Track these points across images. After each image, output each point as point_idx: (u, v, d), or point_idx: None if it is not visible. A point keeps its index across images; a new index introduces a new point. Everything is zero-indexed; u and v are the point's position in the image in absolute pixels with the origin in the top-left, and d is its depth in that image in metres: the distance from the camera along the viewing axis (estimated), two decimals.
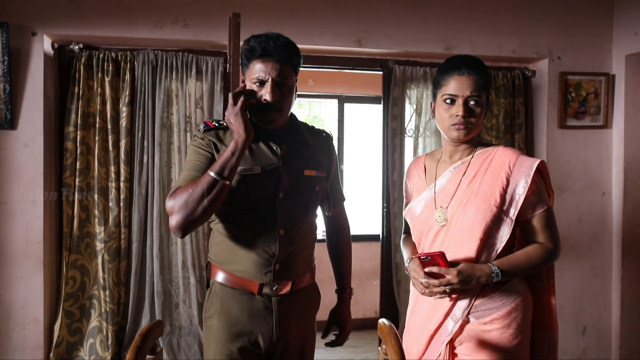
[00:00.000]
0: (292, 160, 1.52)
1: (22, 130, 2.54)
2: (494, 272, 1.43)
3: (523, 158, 1.50)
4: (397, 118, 3.01)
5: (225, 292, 1.50)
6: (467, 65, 1.50)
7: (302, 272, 1.55)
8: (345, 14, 2.81)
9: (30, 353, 2.59)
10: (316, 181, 1.56)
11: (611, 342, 3.14)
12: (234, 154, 1.36)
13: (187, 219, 1.35)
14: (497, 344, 1.46)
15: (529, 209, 1.49)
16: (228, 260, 1.50)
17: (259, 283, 1.47)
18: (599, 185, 3.11)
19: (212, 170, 1.35)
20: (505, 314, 1.47)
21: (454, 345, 1.51)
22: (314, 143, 1.61)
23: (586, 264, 3.12)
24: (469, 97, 1.49)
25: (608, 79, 3.06)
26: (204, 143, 1.48)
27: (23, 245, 2.56)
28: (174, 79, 2.74)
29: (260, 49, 1.43)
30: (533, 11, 3.00)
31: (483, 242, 1.47)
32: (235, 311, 1.48)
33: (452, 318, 1.49)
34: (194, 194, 1.34)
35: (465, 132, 1.51)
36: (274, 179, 1.48)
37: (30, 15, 2.52)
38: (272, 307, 1.49)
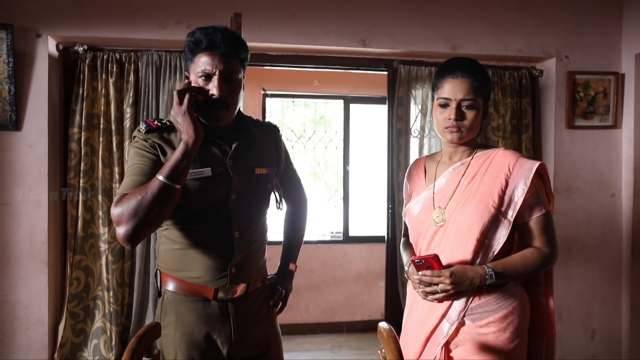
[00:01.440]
0: (243, 159, 1.46)
1: (27, 131, 2.56)
2: (488, 274, 1.42)
3: (523, 160, 1.49)
4: (402, 118, 2.98)
5: (179, 300, 1.44)
6: (461, 68, 1.49)
7: (257, 273, 1.52)
8: (349, 13, 2.79)
9: (34, 353, 2.60)
10: (267, 179, 1.52)
11: (621, 345, 3.08)
12: (184, 155, 1.28)
13: (138, 227, 1.26)
14: (493, 348, 1.44)
15: (527, 211, 1.47)
16: (180, 268, 1.44)
17: (214, 288, 1.42)
18: (608, 186, 3.06)
19: (162, 174, 1.27)
20: (501, 317, 1.46)
21: (450, 348, 1.50)
22: (262, 139, 1.55)
23: (595, 266, 3.07)
24: (462, 100, 1.48)
25: (617, 78, 3.01)
26: (147, 145, 1.39)
27: (27, 246, 2.57)
28: (177, 79, 2.73)
29: (206, 40, 1.35)
30: (540, 9, 2.96)
31: (480, 242, 1.45)
32: (191, 319, 1.43)
33: (448, 320, 1.48)
34: (144, 201, 1.25)
35: (458, 135, 1.50)
36: (226, 181, 1.42)
37: (34, 17, 2.53)
38: (228, 311, 1.45)
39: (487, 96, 1.54)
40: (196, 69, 1.38)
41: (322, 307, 4.20)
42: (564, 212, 3.02)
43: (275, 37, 2.73)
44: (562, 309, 3.04)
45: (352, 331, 4.17)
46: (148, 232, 1.32)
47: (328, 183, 4.49)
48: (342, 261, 4.24)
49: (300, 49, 2.85)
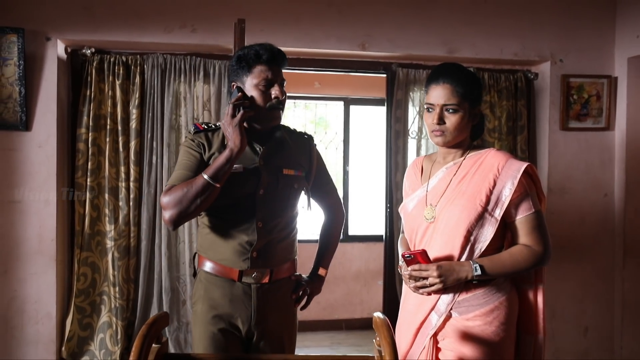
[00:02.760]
0: (272, 159, 1.63)
1: (36, 131, 2.64)
2: (474, 268, 1.48)
3: (512, 161, 1.54)
4: (400, 120, 3.06)
5: (209, 279, 1.64)
6: (444, 75, 1.56)
7: (280, 262, 1.66)
8: (349, 18, 2.87)
9: (43, 347, 2.68)
10: (294, 180, 1.67)
11: (613, 342, 3.16)
12: (228, 161, 1.49)
13: (180, 214, 1.50)
14: (478, 339, 1.50)
15: (515, 210, 1.52)
16: (211, 249, 1.64)
17: (238, 270, 1.60)
18: (601, 187, 3.14)
19: (207, 174, 1.48)
20: (487, 311, 1.51)
21: (437, 339, 1.57)
22: (294, 144, 1.72)
23: (588, 265, 3.14)
24: (444, 105, 1.55)
25: (610, 81, 3.09)
26: (195, 144, 1.61)
27: (36, 243, 2.66)
28: (182, 81, 2.82)
29: (267, 54, 1.58)
30: (535, 14, 3.04)
31: (466, 239, 1.51)
32: (217, 296, 1.62)
33: (436, 312, 1.55)
34: (189, 194, 1.48)
35: (442, 138, 1.57)
36: (255, 177, 1.60)
37: (44, 21, 2.62)
38: (251, 293, 1.61)
39: (475, 100, 1.59)
40: (257, 78, 1.57)
41: (321, 304, 4.28)
42: (557, 211, 3.09)
43: (277, 41, 2.73)
44: (556, 306, 3.11)
45: (351, 328, 4.25)
46: (188, 219, 1.55)
47: None
48: (342, 260, 4.32)
49: (302, 52, 2.93)
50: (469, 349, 1.52)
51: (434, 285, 1.49)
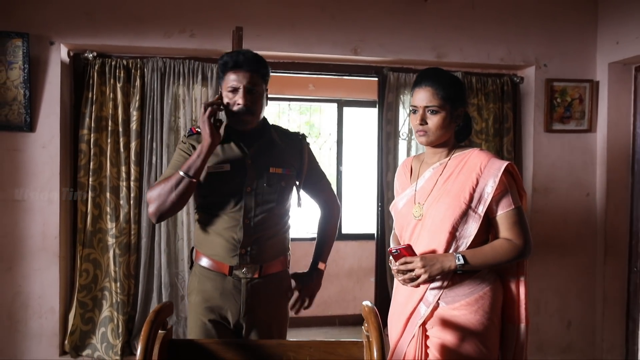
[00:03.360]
0: (260, 158, 1.73)
1: (40, 132, 2.73)
2: (457, 258, 1.58)
3: (494, 160, 1.64)
4: (391, 122, 3.18)
5: (203, 272, 1.75)
6: (426, 78, 1.67)
7: (270, 258, 1.75)
8: (342, 23, 2.98)
9: (46, 340, 2.78)
10: (282, 178, 1.76)
11: (595, 336, 3.29)
12: (199, 156, 1.59)
13: (159, 208, 1.63)
14: (463, 327, 1.61)
15: (497, 206, 1.62)
16: (205, 245, 1.75)
17: (228, 265, 1.70)
18: (584, 187, 3.27)
19: (181, 169, 1.60)
20: (472, 301, 1.62)
21: (426, 328, 1.67)
22: (284, 144, 1.80)
23: (571, 262, 3.27)
24: (426, 107, 1.66)
25: (592, 85, 3.21)
26: (186, 146, 1.73)
27: (40, 240, 2.75)
28: (181, 84, 2.91)
29: (232, 61, 1.66)
30: (520, 20, 3.16)
31: (452, 235, 1.62)
32: (209, 289, 1.72)
33: (425, 303, 1.66)
34: (165, 188, 1.61)
35: (425, 138, 1.68)
36: (242, 175, 1.70)
37: (48, 26, 2.71)
38: (240, 288, 1.71)
39: (457, 102, 1.69)
40: (226, 85, 1.67)
41: (316, 301, 4.30)
42: (542, 210, 3.22)
43: (273, 46, 2.92)
44: (540, 301, 3.24)
45: (344, 324, 4.36)
46: (169, 213, 1.66)
47: None
48: (335, 257, 4.43)
49: (297, 57, 3.04)
50: (454, 336, 1.63)
51: (420, 276, 1.59)
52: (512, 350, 1.71)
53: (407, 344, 1.70)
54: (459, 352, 1.61)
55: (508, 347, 1.71)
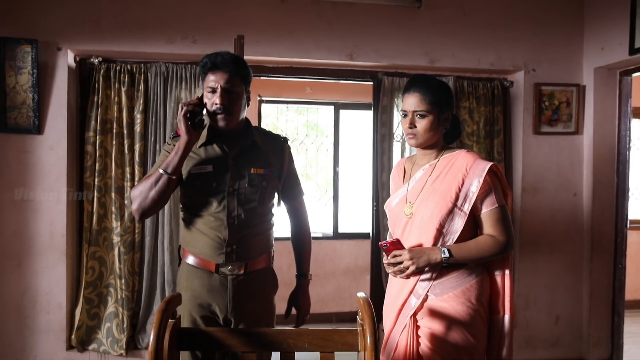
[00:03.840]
0: (242, 159, 1.78)
1: (48, 135, 2.84)
2: (442, 251, 1.69)
3: (479, 161, 1.75)
4: (385, 125, 3.29)
5: (190, 270, 1.80)
6: (414, 85, 1.78)
7: (255, 256, 1.80)
8: (338, 30, 3.09)
9: (54, 335, 2.88)
10: (263, 178, 1.80)
11: (582, 330, 3.41)
12: (176, 153, 1.66)
13: (141, 204, 1.68)
14: (451, 317, 1.72)
15: (481, 205, 1.73)
16: (191, 244, 1.80)
17: (215, 263, 1.75)
18: (571, 187, 3.39)
19: (160, 167, 1.67)
20: (459, 293, 1.73)
21: (417, 318, 1.78)
22: (265, 146, 1.85)
23: (559, 259, 3.39)
24: (414, 111, 1.77)
25: (579, 89, 3.34)
26: (170, 147, 1.77)
27: (48, 239, 2.86)
28: (183, 88, 3.02)
29: (210, 62, 1.71)
30: (510, 27, 3.29)
31: (439, 231, 1.73)
32: (197, 286, 1.77)
33: (415, 295, 1.77)
34: (146, 185, 1.67)
35: (414, 140, 1.78)
36: (225, 176, 1.74)
37: (56, 33, 2.82)
38: (227, 284, 1.77)
39: (444, 106, 1.78)
40: (206, 85, 1.73)
41: (313, 299, 4.40)
42: (531, 210, 3.35)
43: (272, 52, 3.03)
44: (529, 297, 3.36)
45: (341, 321, 4.47)
46: (151, 210, 1.71)
47: (319, 183, 4.79)
48: (332, 256, 4.55)
49: (295, 62, 3.15)
50: (442, 326, 1.73)
51: (409, 267, 1.71)
52: (499, 340, 1.81)
53: (400, 333, 1.81)
54: (447, 341, 1.72)
55: (495, 337, 1.80)
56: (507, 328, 1.80)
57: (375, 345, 1.40)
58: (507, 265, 1.83)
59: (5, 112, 2.75)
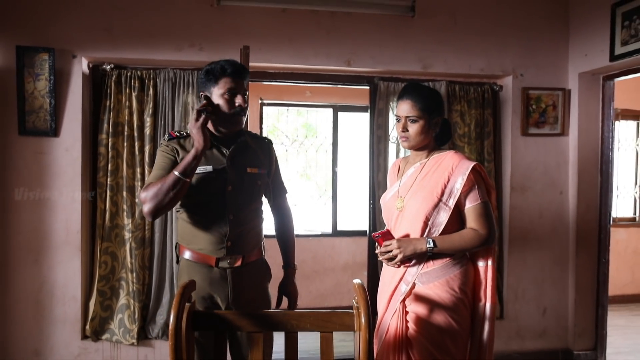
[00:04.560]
0: (238, 160, 1.93)
1: (64, 137, 3.01)
2: (428, 242, 1.87)
3: (464, 161, 1.93)
4: (381, 127, 3.48)
5: (191, 266, 1.92)
6: (407, 93, 1.97)
7: (251, 249, 1.96)
8: (336, 38, 3.27)
9: (69, 325, 3.06)
10: (258, 177, 1.98)
11: (567, 321, 3.60)
12: (194, 158, 1.77)
13: (157, 207, 1.77)
14: (435, 303, 1.90)
15: (465, 200, 1.92)
16: (190, 241, 1.91)
17: (215, 257, 1.89)
18: (557, 186, 3.58)
19: (177, 171, 1.76)
20: (443, 282, 1.91)
21: (405, 304, 1.97)
22: (255, 146, 2.02)
23: (546, 253, 3.57)
24: (406, 117, 1.96)
25: (564, 93, 3.53)
26: (169, 149, 1.89)
27: (64, 235, 3.03)
28: (190, 93, 3.19)
29: (232, 68, 1.87)
30: (499, 35, 3.47)
31: (425, 223, 1.92)
32: (198, 280, 1.86)
33: (404, 282, 1.95)
34: (163, 188, 1.75)
35: (407, 142, 1.98)
36: (223, 176, 1.88)
37: (71, 42, 2.99)
38: (226, 276, 1.91)
39: (434, 112, 1.97)
40: (222, 89, 1.86)
41: (313, 294, 4.69)
42: (519, 207, 3.53)
43: (273, 58, 3.21)
44: (518, 289, 3.55)
45: None
46: (164, 211, 1.82)
47: (318, 183, 4.97)
48: (331, 253, 4.73)
49: (295, 68, 3.33)
50: (428, 311, 1.92)
51: (397, 256, 1.89)
52: (481, 326, 1.98)
53: (390, 317, 2.00)
54: (432, 324, 1.91)
55: (477, 322, 1.98)
56: (488, 315, 1.97)
57: (368, 325, 1.58)
58: (489, 257, 2.00)
59: (24, 116, 2.92)
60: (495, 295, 2.01)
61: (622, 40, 3.04)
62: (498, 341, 3.50)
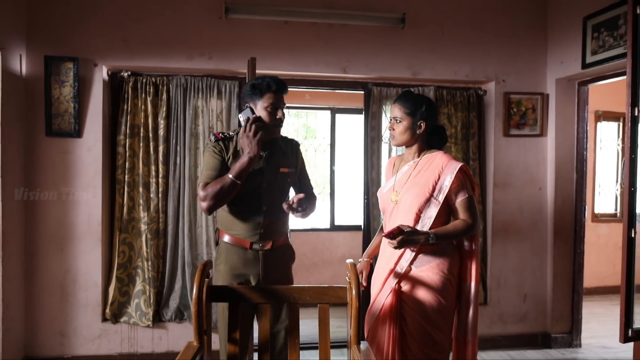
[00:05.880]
0: (272, 161, 2.24)
1: (86, 138, 3.32)
2: (430, 236, 2.12)
3: (452, 162, 2.20)
4: (375, 128, 3.78)
5: (229, 247, 2.22)
6: (398, 99, 2.26)
7: (279, 235, 2.27)
8: (333, 47, 3.58)
9: (91, 309, 3.37)
10: (288, 175, 2.30)
11: (546, 307, 3.90)
12: (249, 165, 2.06)
13: (216, 205, 2.10)
14: (427, 284, 2.17)
15: (454, 196, 2.18)
16: (230, 227, 2.22)
17: (250, 241, 2.20)
18: (536, 182, 3.88)
19: (232, 174, 2.05)
20: (434, 265, 2.18)
21: (401, 286, 2.25)
22: (286, 149, 2.32)
23: (526, 245, 3.88)
24: (394, 117, 2.26)
25: (543, 97, 3.84)
26: (217, 149, 2.17)
27: (86, 227, 3.34)
28: (200, 98, 3.49)
29: (276, 85, 2.17)
30: (483, 43, 3.77)
31: (418, 216, 2.19)
32: (235, 260, 2.20)
33: (399, 267, 2.22)
34: (222, 190, 2.06)
35: (393, 140, 2.28)
36: (260, 174, 2.18)
37: (93, 51, 3.30)
38: (259, 258, 2.22)
39: (419, 115, 2.23)
40: (267, 102, 2.14)
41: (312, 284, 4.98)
42: (501, 202, 3.84)
43: (276, 66, 3.51)
44: (500, 278, 3.85)
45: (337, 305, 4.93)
46: (219, 207, 2.13)
47: (317, 181, 5.28)
48: (329, 246, 5.04)
49: (296, 75, 3.62)
50: (420, 291, 2.18)
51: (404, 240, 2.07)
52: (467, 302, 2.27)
53: (385, 297, 2.27)
54: (423, 301, 2.18)
55: (464, 300, 2.27)
56: (473, 292, 2.26)
57: (358, 297, 1.89)
58: (473, 243, 2.29)
59: (51, 119, 3.23)
60: (478, 276, 2.30)
61: (592, 50, 3.36)
62: (482, 325, 3.81)
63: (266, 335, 1.98)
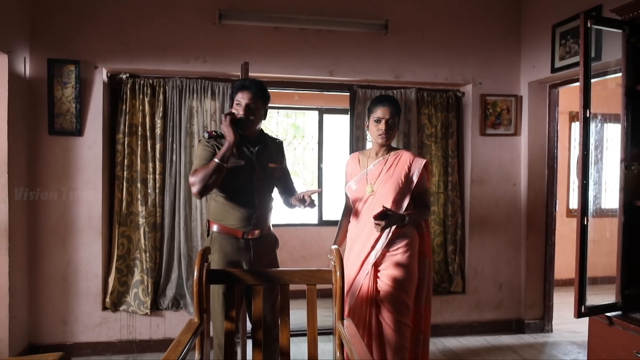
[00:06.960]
0: (262, 157, 2.46)
1: (87, 136, 3.50)
2: (406, 218, 2.46)
3: (417, 158, 2.54)
4: (360, 128, 4.01)
5: (221, 237, 2.42)
6: (387, 101, 2.54)
7: (266, 224, 2.51)
8: (321, 52, 3.80)
9: (92, 298, 3.55)
10: (275, 170, 2.54)
11: (520, 295, 4.18)
12: (227, 148, 2.28)
13: (203, 187, 2.27)
14: (398, 262, 2.48)
15: (418, 187, 2.52)
16: (222, 218, 2.42)
17: (242, 230, 2.41)
18: (511, 178, 4.15)
19: (217, 158, 2.27)
20: (403, 245, 2.50)
21: (377, 268, 2.53)
22: (273, 146, 2.57)
23: (502, 237, 4.14)
24: (387, 119, 2.52)
25: (517, 99, 4.10)
26: (209, 144, 2.40)
27: (87, 220, 3.52)
28: (195, 99, 3.70)
29: (241, 84, 2.43)
30: (460, 49, 4.03)
31: (394, 203, 2.49)
32: (228, 248, 2.41)
33: (375, 250, 2.51)
34: (207, 172, 2.26)
35: (386, 139, 2.54)
36: (251, 169, 2.41)
37: (94, 54, 3.49)
38: (249, 245, 2.45)
39: (400, 117, 2.59)
40: (236, 100, 2.42)
41: None
42: (478, 197, 4.10)
43: (267, 69, 3.73)
44: (478, 268, 4.11)
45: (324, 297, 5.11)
46: (208, 190, 2.32)
47: (305, 179, 5.50)
48: (317, 240, 5.27)
49: (285, 77, 3.84)
50: (392, 268, 2.49)
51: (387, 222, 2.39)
52: (429, 272, 2.66)
53: (363, 278, 2.55)
54: (395, 277, 2.49)
55: (422, 271, 2.63)
56: (428, 267, 2.65)
57: (342, 278, 2.13)
58: (427, 225, 2.68)
59: (53, 118, 3.41)
60: (431, 251, 2.70)
61: (560, 55, 3.62)
62: (460, 312, 4.07)
63: (259, 313, 2.20)
